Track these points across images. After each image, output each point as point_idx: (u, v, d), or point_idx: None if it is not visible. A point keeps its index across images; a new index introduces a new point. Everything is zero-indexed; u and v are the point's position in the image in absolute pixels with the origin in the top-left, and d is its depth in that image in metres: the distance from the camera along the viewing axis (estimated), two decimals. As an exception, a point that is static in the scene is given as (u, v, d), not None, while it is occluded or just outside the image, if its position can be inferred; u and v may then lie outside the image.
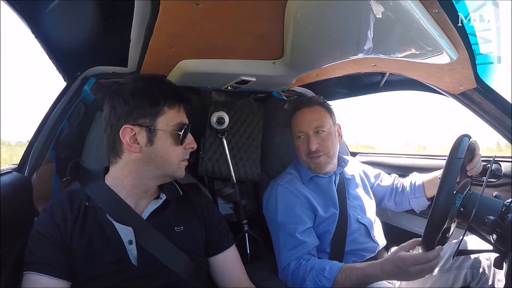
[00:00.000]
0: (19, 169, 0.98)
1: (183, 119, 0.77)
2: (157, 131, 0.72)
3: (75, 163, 0.84)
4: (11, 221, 0.76)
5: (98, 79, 1.11)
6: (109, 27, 0.83)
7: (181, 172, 0.77)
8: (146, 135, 0.72)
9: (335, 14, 0.69)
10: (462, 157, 0.72)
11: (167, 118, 0.73)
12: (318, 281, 0.89)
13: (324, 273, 0.89)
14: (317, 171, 1.11)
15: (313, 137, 1.08)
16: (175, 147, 0.74)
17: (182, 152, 0.76)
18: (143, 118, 0.72)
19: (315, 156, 1.08)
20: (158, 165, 0.74)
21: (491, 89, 0.84)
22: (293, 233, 0.99)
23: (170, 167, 0.75)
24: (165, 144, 0.73)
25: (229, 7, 0.69)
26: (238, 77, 1.09)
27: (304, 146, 1.09)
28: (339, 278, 0.87)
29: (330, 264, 0.92)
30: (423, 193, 1.14)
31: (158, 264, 0.72)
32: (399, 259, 0.78)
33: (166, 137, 0.73)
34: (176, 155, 0.75)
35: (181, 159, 0.76)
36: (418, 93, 1.20)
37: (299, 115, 1.13)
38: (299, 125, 1.11)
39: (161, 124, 0.73)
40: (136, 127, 0.71)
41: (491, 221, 0.65)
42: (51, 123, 1.04)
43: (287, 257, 0.98)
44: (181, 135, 0.74)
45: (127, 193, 0.75)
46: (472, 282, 0.90)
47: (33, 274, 0.66)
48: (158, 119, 0.73)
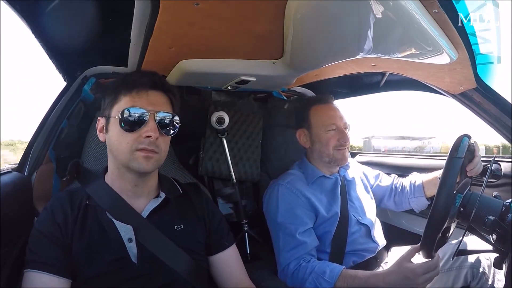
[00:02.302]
0: (19, 169, 0.98)
1: (137, 104, 0.71)
2: (110, 118, 0.74)
3: (75, 163, 0.84)
4: (11, 221, 0.76)
5: (98, 79, 1.11)
6: (109, 27, 0.83)
7: (138, 163, 0.70)
8: (105, 124, 0.76)
9: (335, 14, 0.69)
10: (462, 156, 0.72)
11: (119, 105, 0.73)
12: (318, 284, 0.90)
13: (325, 276, 0.89)
14: (342, 163, 1.13)
15: (345, 130, 1.10)
16: (124, 134, 0.70)
17: (134, 140, 0.70)
18: (105, 110, 0.76)
19: (343, 148, 1.09)
20: (113, 153, 0.74)
21: (491, 89, 0.84)
22: (293, 234, 0.99)
23: (122, 155, 0.71)
24: (114, 132, 0.72)
25: (229, 7, 0.69)
26: (238, 77, 1.09)
27: (335, 139, 1.09)
28: (340, 284, 0.88)
29: (331, 267, 0.92)
30: (423, 193, 1.14)
31: (158, 263, 0.72)
32: (408, 270, 0.79)
33: (115, 124, 0.72)
34: (125, 143, 0.70)
35: (134, 148, 0.70)
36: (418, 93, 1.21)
37: (327, 109, 1.13)
38: (332, 118, 1.11)
39: (114, 111, 0.73)
40: (102, 118, 0.77)
41: (491, 221, 0.65)
42: (51, 123, 1.04)
43: (287, 257, 0.98)
44: (119, 120, 0.70)
45: (120, 189, 0.75)
46: (472, 282, 0.90)
47: (34, 272, 0.66)
48: (113, 107, 0.74)
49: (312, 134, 1.13)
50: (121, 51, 0.94)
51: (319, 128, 1.11)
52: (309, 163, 1.15)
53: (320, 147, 1.11)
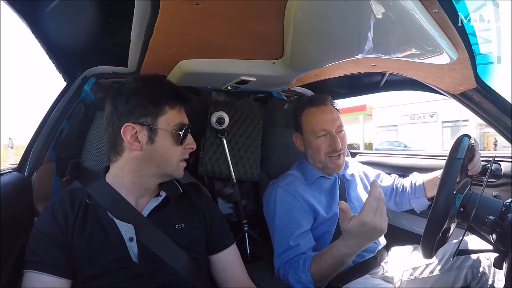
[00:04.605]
0: (19, 169, 0.98)
1: (184, 119, 0.78)
2: (158, 130, 0.73)
3: (75, 162, 0.84)
4: (11, 221, 0.76)
5: (98, 79, 1.11)
6: (109, 27, 0.83)
7: (180, 172, 0.79)
8: (147, 134, 0.73)
9: (335, 14, 0.69)
10: (462, 157, 0.72)
11: (168, 118, 0.75)
12: (298, 278, 0.89)
13: (299, 267, 0.89)
14: (335, 171, 1.09)
15: (337, 136, 1.04)
16: (175, 146, 0.75)
17: (181, 152, 0.77)
18: (144, 117, 0.73)
19: (336, 156, 1.05)
20: (158, 163, 0.75)
21: (491, 89, 0.84)
22: (287, 238, 0.98)
23: (169, 166, 0.76)
24: (165, 143, 0.74)
25: (229, 7, 0.69)
26: (238, 77, 1.09)
27: (326, 145, 1.05)
28: (314, 268, 0.86)
29: (304, 257, 0.91)
30: (424, 193, 1.14)
31: (159, 262, 0.72)
32: (355, 219, 0.74)
33: (166, 136, 0.74)
34: (175, 154, 0.76)
35: (180, 159, 0.78)
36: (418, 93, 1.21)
37: (318, 113, 1.07)
38: (322, 123, 1.05)
39: (162, 123, 0.74)
40: (137, 126, 0.72)
41: (491, 221, 0.65)
42: (51, 123, 1.04)
43: (279, 261, 0.98)
44: (181, 135, 0.75)
45: (128, 191, 0.76)
46: (472, 282, 0.90)
47: (34, 272, 0.66)
48: (159, 118, 0.74)
49: (304, 140, 1.11)
50: (121, 51, 0.94)
51: (309, 134, 1.08)
52: (308, 163, 1.14)
53: (312, 153, 1.09)
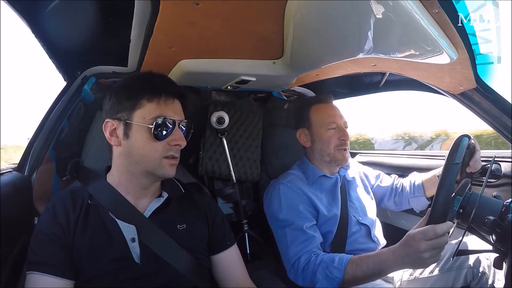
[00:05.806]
0: (19, 169, 0.98)
1: (164, 112, 0.72)
2: (132, 124, 0.71)
3: (75, 162, 0.84)
4: (11, 221, 0.77)
5: (98, 78, 1.11)
6: (109, 27, 0.83)
7: (165, 170, 0.73)
8: (123, 129, 0.72)
9: (335, 14, 0.69)
10: (460, 162, 0.71)
11: (144, 112, 0.71)
12: (328, 273, 0.87)
13: (334, 263, 0.87)
14: (342, 164, 1.13)
15: (345, 129, 1.10)
16: (153, 142, 0.71)
17: (163, 148, 0.72)
18: (121, 112, 0.72)
19: (344, 148, 1.09)
20: (137, 160, 0.72)
21: (491, 89, 0.84)
22: (301, 228, 0.98)
23: (149, 163, 0.72)
24: (141, 138, 0.71)
25: (229, 7, 0.69)
26: (238, 77, 1.09)
27: (336, 137, 1.09)
28: (350, 268, 0.85)
29: (339, 255, 0.90)
30: (423, 193, 1.14)
31: (161, 262, 0.72)
32: (408, 237, 0.74)
33: (142, 131, 0.71)
34: (154, 150, 0.71)
35: (163, 155, 0.72)
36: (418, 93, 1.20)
37: (327, 108, 1.14)
38: (332, 116, 1.12)
39: (137, 117, 0.71)
40: (115, 121, 0.73)
41: (491, 221, 0.65)
42: (51, 123, 1.04)
43: (296, 252, 0.96)
44: (153, 128, 0.70)
45: (126, 190, 0.75)
46: (472, 282, 0.90)
47: (37, 274, 0.65)
48: (134, 112, 0.71)
49: (313, 133, 1.13)
50: (121, 51, 0.94)
51: (319, 127, 1.12)
52: (309, 162, 1.15)
53: (321, 146, 1.11)
